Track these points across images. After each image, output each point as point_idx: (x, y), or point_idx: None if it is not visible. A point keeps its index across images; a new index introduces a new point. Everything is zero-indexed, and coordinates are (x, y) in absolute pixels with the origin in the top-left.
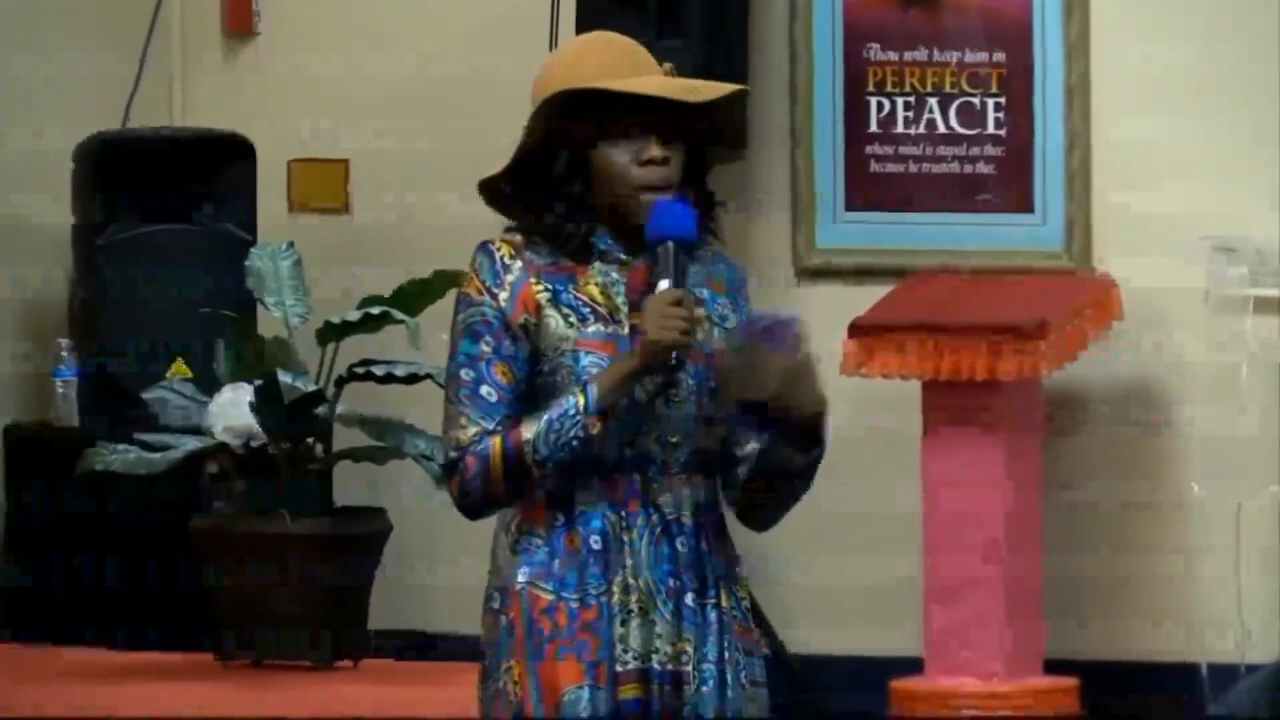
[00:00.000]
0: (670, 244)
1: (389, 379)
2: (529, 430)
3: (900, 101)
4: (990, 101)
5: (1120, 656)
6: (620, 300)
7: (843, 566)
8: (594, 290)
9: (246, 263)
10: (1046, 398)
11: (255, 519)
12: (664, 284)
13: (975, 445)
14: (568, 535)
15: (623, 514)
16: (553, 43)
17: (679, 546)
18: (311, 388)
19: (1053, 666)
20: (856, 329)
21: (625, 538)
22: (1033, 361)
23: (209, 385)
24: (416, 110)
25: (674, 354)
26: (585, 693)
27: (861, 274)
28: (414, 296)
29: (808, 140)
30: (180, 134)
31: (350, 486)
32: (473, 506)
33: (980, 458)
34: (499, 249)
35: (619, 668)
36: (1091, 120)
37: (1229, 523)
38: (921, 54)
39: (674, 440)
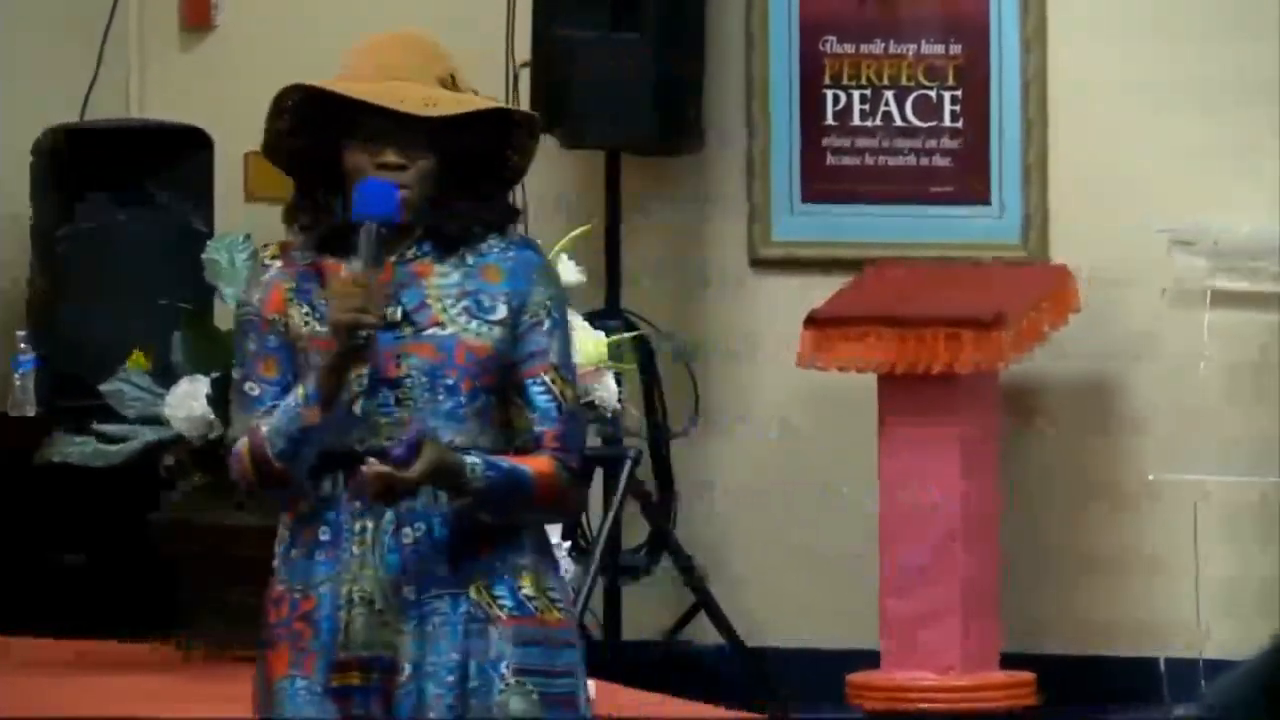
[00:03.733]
0: (372, 225)
1: None
2: (263, 424)
3: (857, 94)
4: (947, 94)
5: (1077, 651)
6: None
7: (800, 560)
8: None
9: (204, 254)
10: (1004, 390)
11: (212, 510)
12: (354, 264)
13: (932, 438)
14: (307, 528)
15: (357, 506)
16: (510, 37)
17: (406, 539)
18: None
19: (1009, 661)
20: (813, 321)
21: (358, 526)
22: (990, 354)
23: (167, 376)
24: None
25: (359, 333)
26: (292, 683)
27: (818, 266)
28: None
29: (764, 132)
30: (138, 126)
31: None
32: (247, 495)
33: (937, 451)
34: (264, 251)
35: (341, 655)
36: (1048, 112)
37: (1187, 516)
38: (878, 46)
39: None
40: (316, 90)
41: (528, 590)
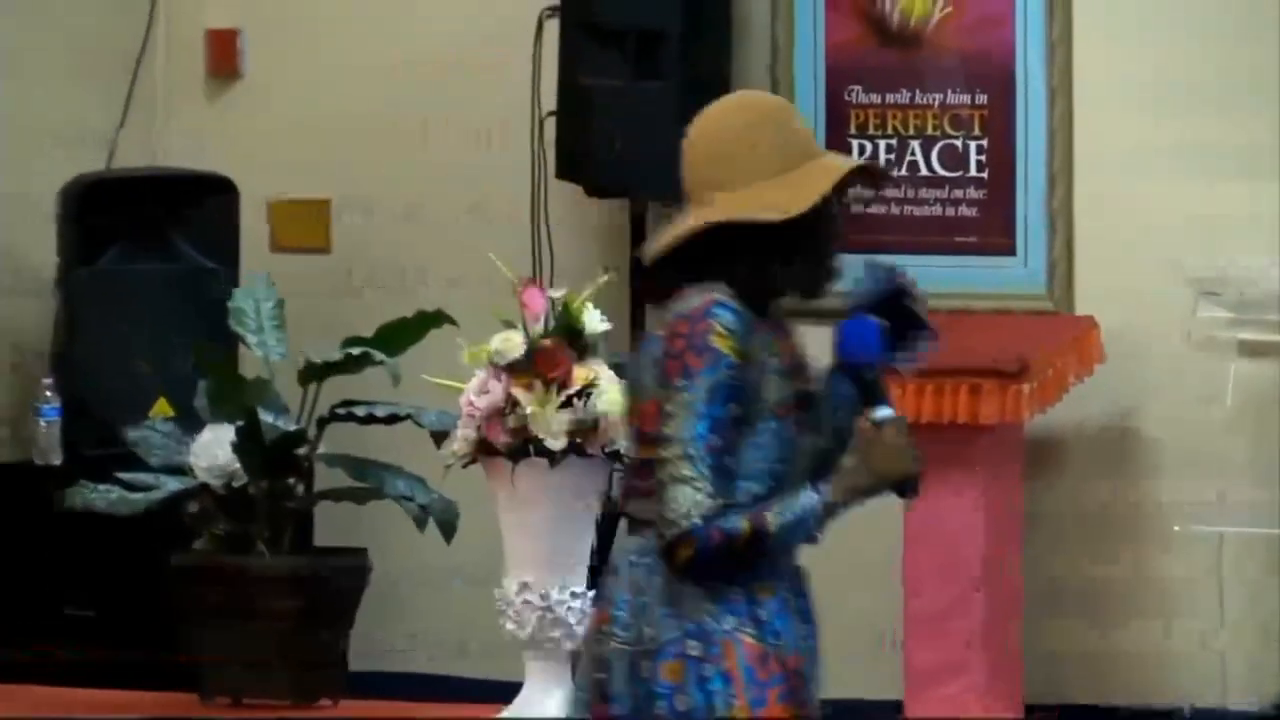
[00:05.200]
0: (870, 372)
1: (370, 419)
2: (773, 521)
3: (883, 143)
4: (972, 144)
5: (1102, 700)
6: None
7: (822, 608)
8: (785, 354)
9: (228, 302)
10: (1028, 439)
11: (236, 558)
12: (885, 411)
13: (956, 487)
14: (765, 583)
15: (788, 565)
16: (535, 83)
17: (806, 601)
18: (293, 428)
19: (1033, 710)
20: None
21: (798, 587)
22: (1014, 404)
23: (191, 423)
24: (398, 150)
25: (913, 483)
26: None
27: (844, 315)
28: (395, 337)
29: None
30: (163, 174)
31: (331, 526)
32: (697, 573)
33: (960, 500)
34: (740, 309)
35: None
36: (1073, 162)
37: (1211, 566)
38: (903, 96)
39: None
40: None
41: None
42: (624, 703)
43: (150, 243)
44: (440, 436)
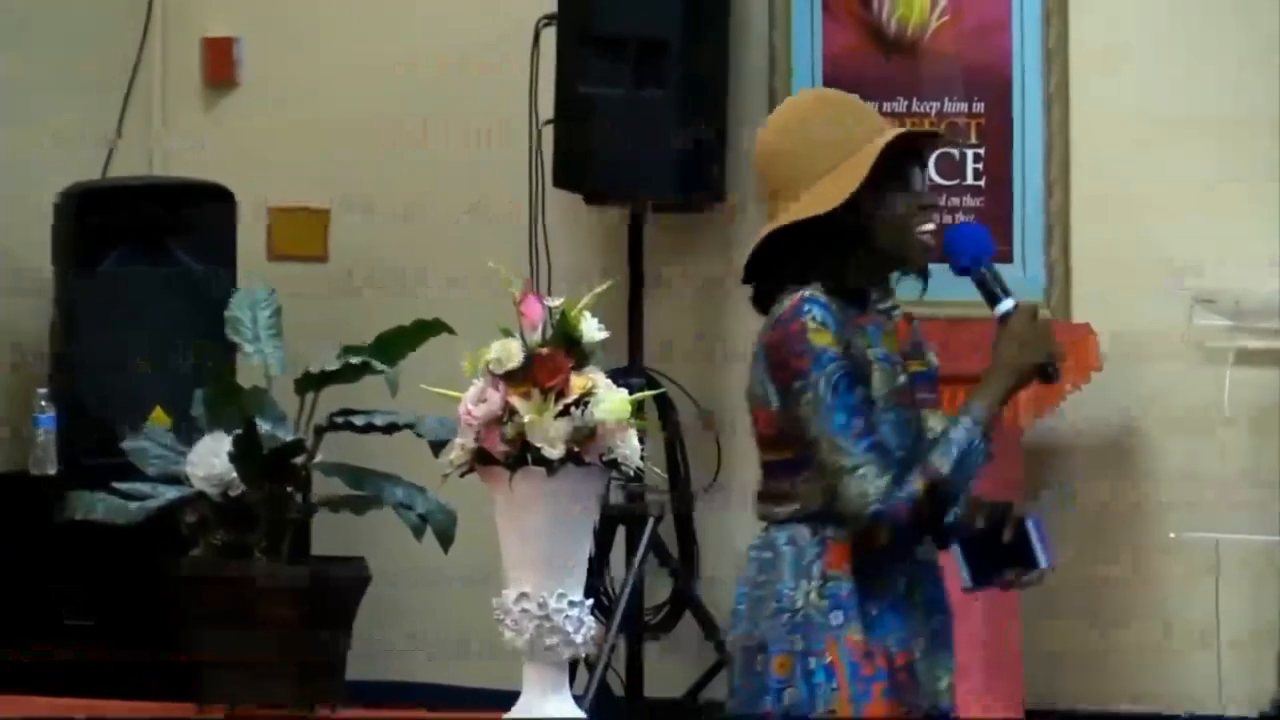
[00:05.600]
0: (982, 270)
1: (368, 429)
2: (943, 462)
3: None
4: (970, 152)
5: (1101, 708)
6: (894, 350)
7: None
8: (891, 341)
9: (226, 311)
10: (1025, 447)
11: (233, 567)
12: (1009, 302)
13: None
14: (878, 581)
15: (910, 559)
16: (533, 95)
17: (935, 590)
18: (290, 437)
19: (1033, 717)
20: None
21: (916, 579)
22: (1011, 412)
23: (188, 431)
24: (396, 158)
25: (1054, 367)
26: None
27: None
28: (393, 346)
29: None
30: (160, 183)
31: (328, 533)
32: (894, 545)
33: None
34: (830, 303)
35: (926, 703)
36: (1070, 171)
37: (1209, 574)
38: (901, 104)
39: None
40: (909, 135)
41: None
42: (738, 696)
43: (147, 250)
44: (439, 445)
